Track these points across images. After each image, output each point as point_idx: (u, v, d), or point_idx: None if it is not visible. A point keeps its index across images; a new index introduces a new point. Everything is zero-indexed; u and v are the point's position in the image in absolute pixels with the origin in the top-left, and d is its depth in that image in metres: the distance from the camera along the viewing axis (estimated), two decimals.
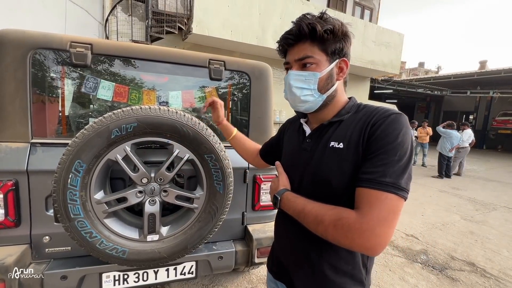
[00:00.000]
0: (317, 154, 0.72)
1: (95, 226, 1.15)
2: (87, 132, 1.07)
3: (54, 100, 1.38)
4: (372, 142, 0.61)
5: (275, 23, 7.52)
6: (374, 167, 0.59)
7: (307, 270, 0.75)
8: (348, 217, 0.57)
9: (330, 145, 0.69)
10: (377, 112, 0.66)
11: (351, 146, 0.65)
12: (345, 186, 0.65)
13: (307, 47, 0.70)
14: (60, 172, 1.06)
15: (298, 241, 0.77)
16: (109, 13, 6.18)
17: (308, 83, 0.71)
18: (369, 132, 0.63)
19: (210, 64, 1.55)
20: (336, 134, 0.70)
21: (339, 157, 0.66)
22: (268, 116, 1.72)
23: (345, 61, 0.73)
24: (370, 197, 0.57)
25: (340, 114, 0.73)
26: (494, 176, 7.42)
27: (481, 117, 16.05)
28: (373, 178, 0.58)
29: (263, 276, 2.19)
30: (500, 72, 11.54)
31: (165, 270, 1.41)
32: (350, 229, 0.56)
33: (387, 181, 0.56)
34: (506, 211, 4.40)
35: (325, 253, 0.71)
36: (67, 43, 1.30)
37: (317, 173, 0.71)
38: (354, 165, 0.64)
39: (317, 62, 0.70)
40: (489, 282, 2.34)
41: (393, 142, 0.59)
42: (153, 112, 1.15)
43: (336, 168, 0.66)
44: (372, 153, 0.60)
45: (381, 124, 0.62)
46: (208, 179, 1.29)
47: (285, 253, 0.84)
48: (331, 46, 0.69)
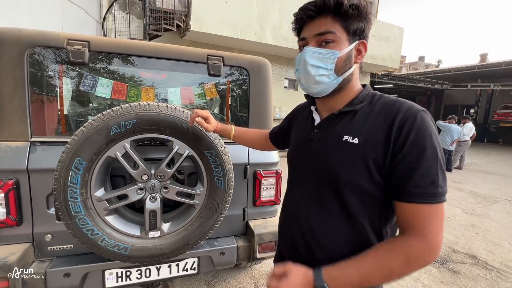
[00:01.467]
0: (327, 146, 0.68)
1: (96, 223, 1.15)
2: (86, 130, 1.07)
3: (52, 99, 1.38)
4: (408, 149, 0.56)
5: (274, 19, 7.47)
6: (422, 178, 0.55)
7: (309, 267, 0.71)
8: (414, 248, 0.55)
9: (344, 139, 0.64)
10: (399, 108, 0.60)
11: (368, 142, 0.61)
12: (354, 183, 0.62)
13: (328, 21, 0.63)
14: (60, 170, 1.06)
15: (300, 237, 0.73)
16: (106, 11, 6.15)
17: (326, 62, 0.64)
18: (400, 136, 0.57)
19: (209, 60, 1.54)
20: (350, 127, 0.65)
21: (352, 153, 0.62)
22: (268, 112, 1.71)
23: (364, 44, 0.67)
24: (425, 212, 0.55)
25: (352, 104, 0.67)
26: (495, 169, 7.41)
27: (482, 110, 15.99)
28: (424, 192, 0.55)
29: (266, 272, 2.20)
30: (501, 65, 11.47)
31: (168, 267, 1.42)
32: (422, 257, 0.55)
33: (438, 192, 0.55)
34: (507, 203, 4.40)
35: (328, 250, 0.68)
36: (64, 41, 1.29)
37: (325, 167, 0.67)
38: (370, 163, 0.60)
39: (337, 40, 0.63)
40: (491, 274, 2.34)
41: (431, 147, 0.56)
42: (152, 109, 1.14)
43: (348, 164, 0.62)
44: (413, 162, 0.56)
45: (411, 126, 0.57)
46: (208, 175, 1.29)
47: (288, 249, 0.81)
48: (353, 25, 0.63)
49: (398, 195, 0.59)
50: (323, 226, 0.68)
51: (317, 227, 0.69)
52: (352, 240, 0.66)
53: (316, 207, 0.70)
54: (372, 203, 0.64)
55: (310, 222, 0.71)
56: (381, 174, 0.60)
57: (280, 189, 1.68)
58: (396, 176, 0.58)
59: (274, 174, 1.63)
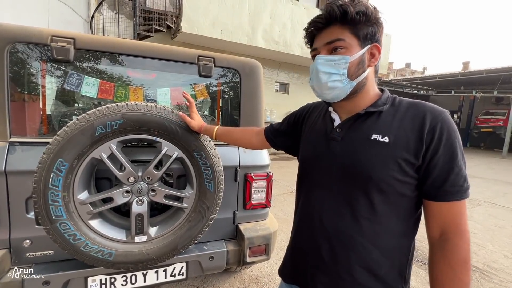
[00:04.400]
0: (352, 145, 0.68)
1: (79, 228, 1.10)
2: (70, 130, 1.03)
3: (34, 97, 1.31)
4: (443, 150, 0.59)
5: (265, 22, 7.52)
6: (457, 177, 0.59)
7: (332, 272, 0.70)
8: (463, 249, 0.60)
9: (373, 138, 0.65)
10: (425, 109, 0.63)
11: (399, 142, 0.62)
12: (385, 181, 0.62)
13: (336, 30, 0.65)
14: (40, 172, 1.01)
15: (326, 242, 0.70)
16: (95, 10, 6.02)
17: (338, 68, 0.65)
18: (434, 137, 0.60)
19: (199, 61, 1.52)
20: (377, 126, 0.66)
21: (383, 152, 0.63)
22: (259, 114, 1.70)
23: (377, 47, 0.68)
24: (461, 208, 0.60)
25: (377, 105, 0.68)
26: (478, 173, 7.67)
27: (464, 116, 16.63)
28: (459, 189, 0.59)
29: (255, 276, 2.17)
30: (482, 73, 12.00)
31: (155, 272, 1.37)
32: (468, 250, 0.60)
33: (467, 186, 0.60)
34: (489, 206, 4.55)
35: (355, 254, 0.66)
36: (47, 37, 1.24)
37: (354, 165, 0.66)
38: (401, 161, 0.61)
39: (347, 46, 0.65)
40: (475, 275, 2.40)
41: (459, 146, 0.60)
42: (139, 109, 1.11)
43: (380, 163, 0.63)
44: (448, 163, 0.59)
45: (442, 127, 0.60)
46: (198, 177, 1.26)
47: (305, 255, 0.77)
48: (363, 30, 0.65)
49: (436, 196, 0.61)
50: (351, 228, 0.67)
51: (345, 230, 0.68)
52: (380, 243, 0.66)
53: (343, 208, 0.68)
54: (399, 203, 0.65)
55: (336, 225, 0.69)
56: (411, 173, 0.62)
57: (271, 192, 1.67)
58: (433, 176, 0.60)
59: (265, 177, 1.62)
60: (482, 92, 13.01)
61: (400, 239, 0.67)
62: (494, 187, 6.00)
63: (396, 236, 0.66)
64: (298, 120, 0.91)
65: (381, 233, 0.65)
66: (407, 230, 0.67)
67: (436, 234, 0.63)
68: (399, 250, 0.67)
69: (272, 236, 1.59)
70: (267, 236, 1.57)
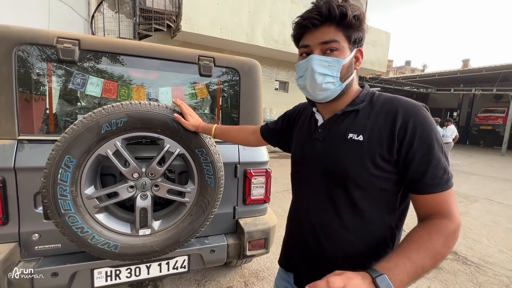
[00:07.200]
0: (332, 145, 0.70)
1: (86, 221, 1.15)
2: (77, 127, 1.08)
3: (41, 97, 1.36)
4: (418, 144, 0.60)
5: (265, 21, 7.55)
6: (436, 170, 0.60)
7: (319, 263, 0.74)
8: (449, 228, 0.58)
9: (349, 137, 0.67)
10: (399, 104, 0.65)
11: (373, 139, 0.64)
12: (362, 178, 0.65)
13: (332, 30, 0.65)
14: (49, 168, 1.06)
15: (312, 235, 0.75)
16: (95, 10, 6.05)
17: (332, 70, 0.66)
18: (407, 132, 0.61)
19: (200, 61, 1.56)
20: (353, 125, 0.68)
21: (358, 150, 0.65)
22: (258, 113, 1.74)
23: (361, 51, 0.70)
24: (446, 198, 0.61)
25: (354, 103, 0.70)
26: (476, 170, 7.72)
27: (464, 113, 16.63)
28: (439, 182, 0.60)
29: (256, 270, 2.23)
30: (481, 70, 12.03)
31: (158, 265, 1.42)
32: (455, 234, 0.59)
33: (450, 177, 0.61)
34: (486, 202, 4.60)
35: (339, 246, 0.70)
36: (53, 39, 1.28)
37: (333, 164, 0.69)
38: (376, 158, 0.63)
39: (341, 49, 0.66)
40: (470, 269, 2.46)
41: (436, 139, 0.61)
42: (143, 107, 1.16)
43: (356, 161, 0.65)
44: (425, 156, 0.60)
45: (415, 121, 0.61)
46: (199, 173, 1.31)
47: (297, 247, 0.82)
48: (354, 34, 0.66)
49: (417, 189, 0.62)
50: (334, 222, 0.71)
51: (328, 224, 0.71)
52: (362, 235, 0.69)
53: (326, 204, 0.72)
54: (381, 197, 0.67)
55: (321, 220, 0.73)
56: (389, 168, 0.64)
57: (269, 188, 1.72)
58: (412, 171, 0.62)
59: (264, 173, 1.67)
60: (481, 89, 13.03)
61: (385, 231, 0.69)
62: (492, 184, 6.06)
63: (380, 228, 0.68)
64: (290, 120, 0.94)
65: (363, 226, 0.68)
66: (391, 222, 0.69)
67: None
68: (384, 242, 0.69)
69: (271, 230, 1.65)
70: (266, 230, 1.62)
